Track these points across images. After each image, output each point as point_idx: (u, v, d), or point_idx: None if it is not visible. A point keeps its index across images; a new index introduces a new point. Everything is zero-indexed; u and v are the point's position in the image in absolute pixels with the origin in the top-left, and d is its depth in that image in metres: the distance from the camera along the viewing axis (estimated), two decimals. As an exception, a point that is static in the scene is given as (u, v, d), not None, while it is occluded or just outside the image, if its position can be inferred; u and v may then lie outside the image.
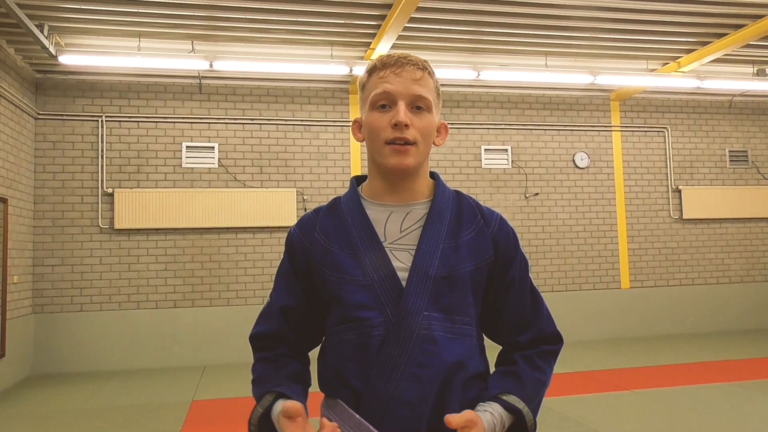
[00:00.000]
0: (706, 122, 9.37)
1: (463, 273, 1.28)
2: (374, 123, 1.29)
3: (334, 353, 1.30)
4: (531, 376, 1.30)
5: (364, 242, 1.29)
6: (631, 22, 6.54)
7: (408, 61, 1.28)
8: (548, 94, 8.76)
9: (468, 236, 1.32)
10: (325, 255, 1.31)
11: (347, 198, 1.37)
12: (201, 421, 4.95)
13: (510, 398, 1.25)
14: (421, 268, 1.25)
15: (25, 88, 6.97)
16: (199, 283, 7.51)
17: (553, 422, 4.63)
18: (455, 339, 1.26)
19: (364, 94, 1.33)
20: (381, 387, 1.21)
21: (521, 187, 8.56)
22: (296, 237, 1.37)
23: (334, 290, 1.29)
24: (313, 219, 1.38)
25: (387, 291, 1.25)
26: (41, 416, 5.27)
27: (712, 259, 9.17)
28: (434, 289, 1.25)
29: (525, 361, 1.32)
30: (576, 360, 7.05)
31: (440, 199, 1.33)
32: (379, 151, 1.29)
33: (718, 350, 7.54)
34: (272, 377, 1.31)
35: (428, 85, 1.30)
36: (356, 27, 6.45)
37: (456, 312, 1.27)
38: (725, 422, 4.53)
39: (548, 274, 8.53)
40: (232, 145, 7.77)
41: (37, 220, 7.19)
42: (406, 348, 1.22)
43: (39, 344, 7.04)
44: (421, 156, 1.30)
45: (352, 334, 1.26)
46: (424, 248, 1.27)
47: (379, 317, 1.24)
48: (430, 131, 1.31)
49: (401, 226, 1.31)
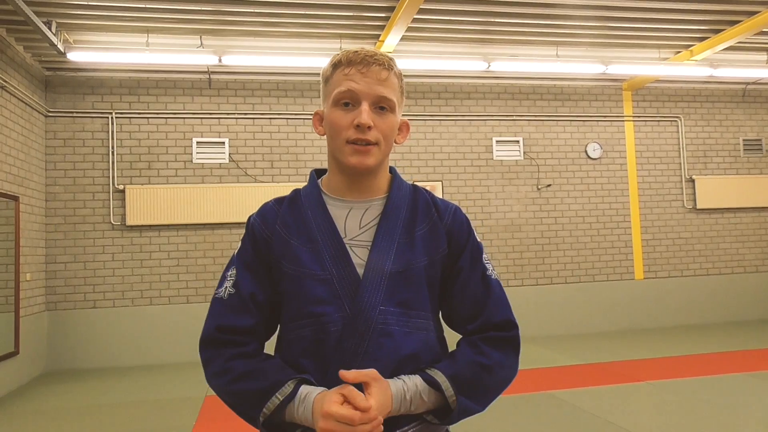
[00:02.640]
0: (720, 111, 9.25)
1: (418, 267, 1.28)
2: (336, 121, 1.28)
3: (290, 349, 1.29)
4: (468, 357, 1.26)
5: (324, 237, 1.28)
6: (642, 10, 6.45)
7: (374, 61, 1.26)
8: (559, 84, 8.68)
9: (422, 230, 1.32)
10: (284, 248, 1.30)
11: (308, 191, 1.36)
12: (214, 416, 4.95)
13: (432, 372, 1.22)
14: (376, 265, 1.25)
15: (34, 86, 6.99)
16: (211, 278, 7.51)
17: (566, 414, 4.60)
18: (411, 333, 1.26)
19: (328, 88, 1.32)
20: (339, 381, 1.18)
21: (533, 179, 8.49)
22: (258, 226, 1.35)
23: (292, 283, 1.28)
24: (275, 209, 1.36)
25: (345, 286, 1.25)
26: (56, 412, 5.30)
27: (727, 249, 9.07)
28: (390, 285, 1.25)
29: (468, 344, 1.30)
30: (590, 351, 7.00)
31: (396, 195, 1.34)
32: (340, 149, 1.28)
33: (733, 341, 7.46)
34: (272, 368, 1.24)
35: (393, 86, 1.29)
36: (365, 19, 6.40)
37: (412, 306, 1.27)
38: (741, 413, 4.48)
39: (561, 266, 8.48)
40: (242, 140, 7.76)
41: (48, 218, 7.22)
42: (363, 343, 1.22)
43: (53, 341, 7.08)
44: (382, 155, 1.30)
45: (309, 330, 1.25)
46: (379, 245, 1.27)
47: (336, 312, 1.24)
48: (392, 131, 1.31)
49: (360, 222, 1.31)
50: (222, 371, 1.25)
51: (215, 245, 7.55)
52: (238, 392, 1.23)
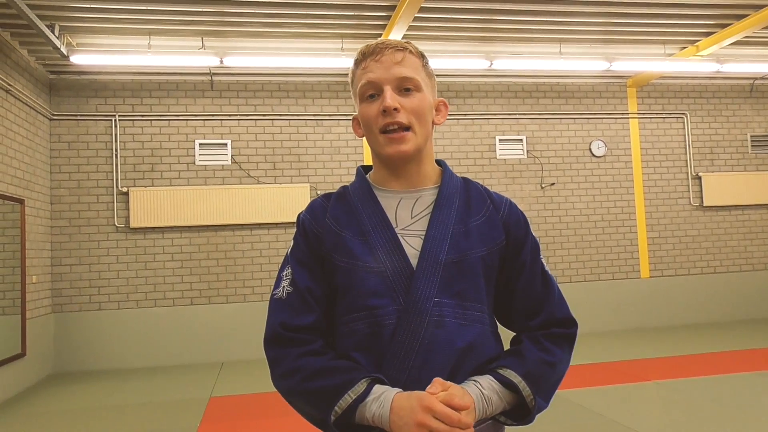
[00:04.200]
0: (727, 107, 9.17)
1: (474, 258, 1.25)
2: (366, 114, 1.27)
3: (344, 343, 1.26)
4: (535, 354, 1.25)
5: (376, 228, 1.26)
6: (647, 5, 6.39)
7: (386, 46, 1.26)
8: (563, 82, 8.63)
9: (478, 221, 1.29)
10: (336, 241, 1.27)
11: (356, 186, 1.35)
12: (219, 417, 4.95)
13: (505, 372, 1.20)
14: (430, 254, 1.22)
15: (39, 90, 7.01)
16: (215, 280, 7.53)
17: (572, 414, 4.57)
18: (467, 326, 1.23)
19: (354, 89, 1.32)
20: (394, 375, 1.18)
21: (537, 177, 8.45)
22: (308, 222, 1.33)
23: (346, 276, 1.25)
24: (323, 204, 1.35)
25: (399, 277, 1.22)
26: (62, 414, 5.32)
27: (735, 246, 8.99)
28: (445, 275, 1.22)
29: (531, 341, 1.28)
30: (596, 351, 6.96)
31: (448, 185, 1.31)
32: (376, 142, 1.27)
33: (741, 339, 7.39)
34: (344, 366, 1.20)
35: (412, 65, 1.27)
36: (366, 19, 6.38)
37: (467, 298, 1.24)
38: (749, 412, 4.43)
39: (566, 265, 8.43)
40: (244, 141, 7.76)
41: (54, 221, 7.25)
42: (417, 335, 1.19)
43: (59, 343, 7.11)
44: (421, 138, 1.27)
45: (363, 324, 1.23)
46: (434, 234, 1.24)
47: (391, 305, 1.21)
48: (424, 111, 1.27)
49: (412, 211, 1.29)
50: (292, 370, 1.21)
51: (218, 247, 7.56)
52: (312, 391, 1.18)
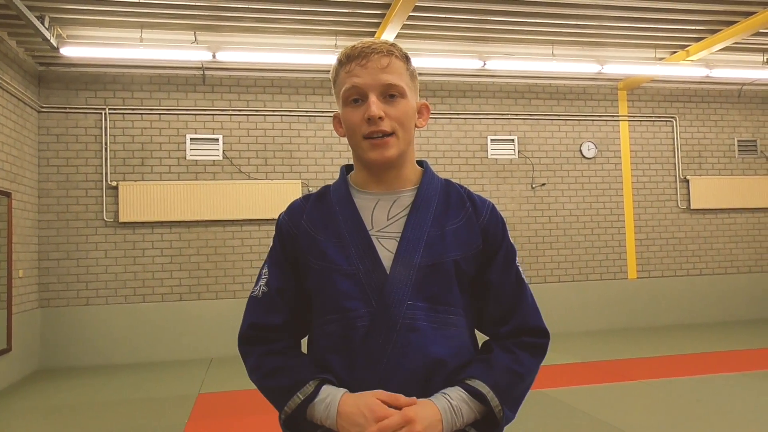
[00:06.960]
0: (715, 111, 9.27)
1: (449, 262, 1.25)
2: (349, 119, 1.27)
3: (318, 345, 1.28)
4: (504, 364, 1.24)
5: (350, 231, 1.26)
6: (639, 9, 6.45)
7: (372, 50, 1.24)
8: (555, 83, 8.67)
9: (455, 225, 1.29)
10: (311, 243, 1.29)
11: (336, 186, 1.36)
12: (207, 414, 4.94)
13: (474, 382, 1.20)
14: (405, 257, 1.23)
15: (27, 81, 6.94)
16: (204, 275, 7.49)
17: (559, 413, 4.60)
18: (440, 329, 1.23)
19: (337, 89, 1.31)
20: (367, 377, 1.19)
21: (528, 178, 8.49)
22: (285, 223, 1.35)
23: (319, 278, 1.26)
24: (302, 206, 1.36)
25: (372, 280, 1.23)
26: (48, 410, 5.27)
27: (720, 249, 9.10)
28: (419, 278, 1.22)
29: (501, 349, 1.27)
30: (583, 350, 7.01)
31: (427, 187, 1.32)
32: (359, 146, 1.27)
33: (725, 340, 7.48)
34: (297, 366, 1.25)
35: (398, 70, 1.26)
36: (360, 16, 6.38)
37: (441, 302, 1.24)
38: (733, 412, 4.49)
39: (555, 265, 8.48)
40: (236, 136, 7.73)
41: (41, 214, 7.17)
42: (390, 338, 1.20)
43: (45, 338, 7.04)
44: (403, 143, 1.28)
45: (336, 326, 1.24)
46: (409, 236, 1.24)
47: (363, 307, 1.22)
48: (408, 117, 1.28)
49: (388, 213, 1.29)
50: (254, 368, 1.29)
51: (208, 242, 7.53)
52: (268, 389, 1.26)
